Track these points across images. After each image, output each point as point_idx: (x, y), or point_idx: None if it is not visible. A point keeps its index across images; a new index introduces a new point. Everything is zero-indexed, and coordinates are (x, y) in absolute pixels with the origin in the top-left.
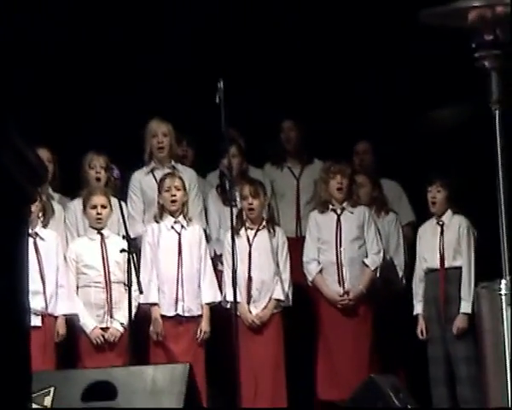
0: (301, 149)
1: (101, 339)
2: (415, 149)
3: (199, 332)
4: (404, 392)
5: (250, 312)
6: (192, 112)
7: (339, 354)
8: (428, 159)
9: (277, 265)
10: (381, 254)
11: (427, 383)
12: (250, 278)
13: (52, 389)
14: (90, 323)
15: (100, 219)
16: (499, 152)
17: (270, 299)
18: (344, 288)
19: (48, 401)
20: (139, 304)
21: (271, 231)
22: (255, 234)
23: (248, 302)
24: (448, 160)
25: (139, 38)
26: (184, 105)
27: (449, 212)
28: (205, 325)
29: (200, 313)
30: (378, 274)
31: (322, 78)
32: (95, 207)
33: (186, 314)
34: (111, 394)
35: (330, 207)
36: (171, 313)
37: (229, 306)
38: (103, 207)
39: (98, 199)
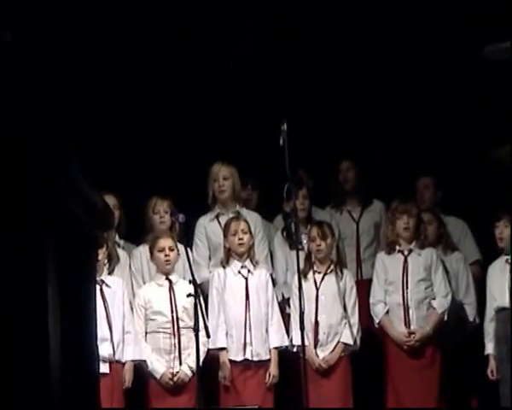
0: (360, 189)
1: (171, 383)
2: (479, 184)
3: (267, 376)
4: None
5: (317, 355)
6: (256, 155)
7: (407, 396)
8: (494, 195)
9: (345, 308)
10: (449, 297)
11: None
12: (317, 322)
13: None
14: (159, 368)
15: (168, 261)
16: None
17: (338, 343)
18: (410, 329)
19: None
20: (208, 349)
21: (339, 273)
22: (323, 277)
23: (315, 346)
24: None
25: (202, 80)
26: (249, 148)
27: None
28: (273, 369)
29: (268, 357)
30: (446, 317)
31: (380, 114)
32: (162, 249)
33: (254, 359)
34: None
35: (397, 248)
36: (240, 358)
37: (295, 350)
38: (171, 249)
39: (165, 242)
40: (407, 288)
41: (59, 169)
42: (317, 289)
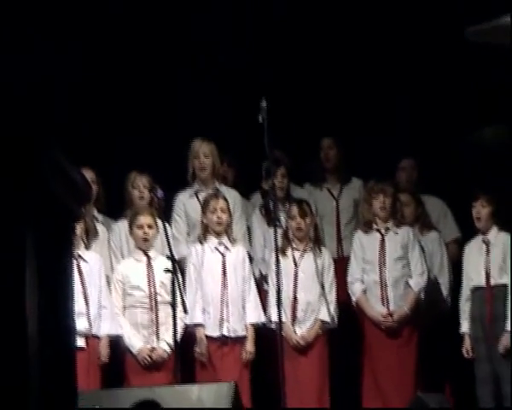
0: (340, 167)
1: (148, 359)
2: (460, 164)
3: (244, 353)
4: None
5: (295, 332)
6: (233, 132)
7: (384, 375)
8: (474, 175)
9: (323, 286)
10: (426, 276)
11: (474, 402)
12: (295, 299)
13: (99, 408)
14: (136, 343)
15: (146, 239)
16: None
17: (316, 320)
18: (388, 308)
19: None
20: (185, 325)
21: (317, 251)
22: (301, 255)
23: (293, 323)
24: (493, 175)
25: (181, 56)
26: (226, 125)
27: (494, 228)
28: (250, 346)
29: (244, 333)
30: (422, 296)
31: (363, 93)
32: (141, 227)
33: (231, 335)
34: None
35: (374, 227)
36: (217, 334)
37: (273, 326)
38: (150, 227)
39: (144, 219)
40: (384, 266)
41: (36, 143)
42: (296, 267)
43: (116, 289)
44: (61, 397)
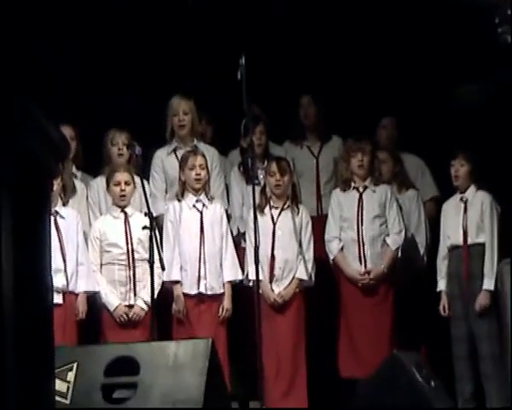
0: (320, 125)
1: (125, 317)
2: (439, 123)
3: (221, 310)
4: (427, 368)
5: (272, 290)
6: (211, 89)
7: (360, 333)
8: (453, 133)
9: (300, 244)
10: (403, 234)
11: (450, 360)
12: (273, 257)
13: (75, 365)
14: (113, 300)
15: (123, 196)
16: None
17: (293, 278)
18: (365, 266)
19: (71, 376)
20: (163, 282)
21: (295, 209)
22: (279, 213)
23: (271, 281)
24: (472, 134)
25: (161, 14)
26: (205, 82)
27: (472, 187)
28: (227, 303)
29: (222, 291)
30: (399, 254)
31: (344, 51)
32: (118, 183)
33: (208, 292)
34: (134, 369)
35: (352, 185)
36: (194, 292)
37: (251, 284)
38: (127, 183)
39: (122, 176)
40: (362, 224)
41: (13, 101)
42: (274, 225)
43: (93, 245)
44: (39, 353)
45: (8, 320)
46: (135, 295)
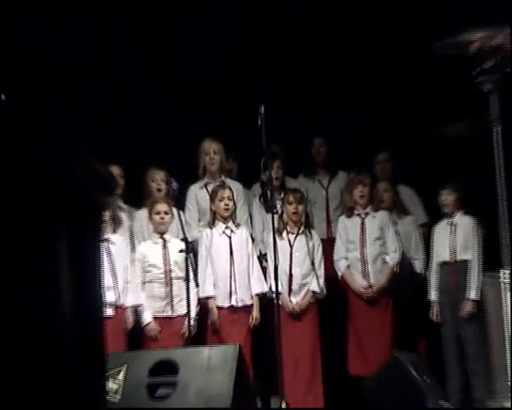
0: (329, 162)
1: (155, 332)
2: (430, 157)
3: (250, 319)
4: (422, 367)
5: (290, 301)
6: (237, 133)
7: (365, 337)
8: (440, 166)
9: (313, 263)
10: (399, 252)
11: (442, 359)
12: (291, 274)
13: (124, 367)
14: (146, 318)
15: (163, 223)
16: (500, 162)
17: (308, 291)
18: (368, 281)
19: (122, 376)
20: (199, 299)
21: (308, 234)
22: (295, 237)
23: (289, 294)
24: (458, 167)
25: (193, 67)
26: (231, 127)
27: (459, 212)
28: (255, 313)
29: (251, 302)
30: (397, 269)
31: (346, 100)
32: (158, 213)
33: (239, 304)
34: (173, 370)
35: (355, 212)
36: (227, 305)
37: (274, 296)
38: (166, 213)
39: (161, 206)
40: (365, 245)
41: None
42: (291, 247)
43: (137, 266)
44: (93, 359)
45: (67, 330)
46: (172, 307)
